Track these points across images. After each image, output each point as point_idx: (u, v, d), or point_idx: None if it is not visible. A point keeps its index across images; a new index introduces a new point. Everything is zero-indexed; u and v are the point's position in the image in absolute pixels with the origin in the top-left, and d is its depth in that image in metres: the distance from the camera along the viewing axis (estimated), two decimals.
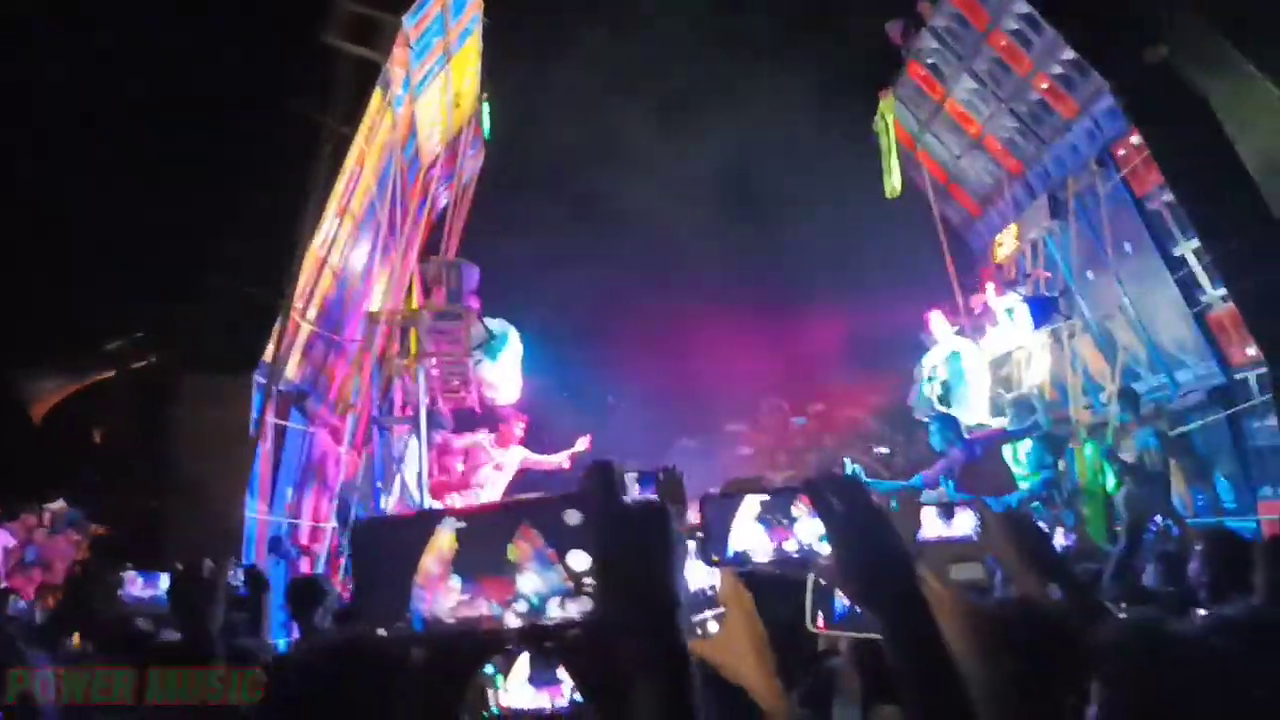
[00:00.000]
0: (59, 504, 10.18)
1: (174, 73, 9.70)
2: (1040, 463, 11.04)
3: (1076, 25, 10.00)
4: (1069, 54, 10.40)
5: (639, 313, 18.20)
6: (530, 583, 1.25)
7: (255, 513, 9.58)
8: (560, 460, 12.54)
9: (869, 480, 10.69)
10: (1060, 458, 11.31)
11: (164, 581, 4.21)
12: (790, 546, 1.85)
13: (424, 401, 11.41)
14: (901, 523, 2.44)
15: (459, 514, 1.31)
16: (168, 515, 8.82)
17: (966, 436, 10.25)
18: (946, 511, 2.94)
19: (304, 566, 10.33)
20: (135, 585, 4.73)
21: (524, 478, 12.59)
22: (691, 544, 1.85)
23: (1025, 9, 10.43)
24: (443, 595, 1.27)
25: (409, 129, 12.44)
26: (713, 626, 1.84)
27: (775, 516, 1.88)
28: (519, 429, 12.74)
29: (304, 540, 10.78)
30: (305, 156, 9.86)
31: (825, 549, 1.70)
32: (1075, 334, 12.24)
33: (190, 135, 9.69)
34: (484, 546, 1.27)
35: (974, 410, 12.41)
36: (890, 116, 13.49)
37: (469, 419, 13.31)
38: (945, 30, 11.96)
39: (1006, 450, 11.41)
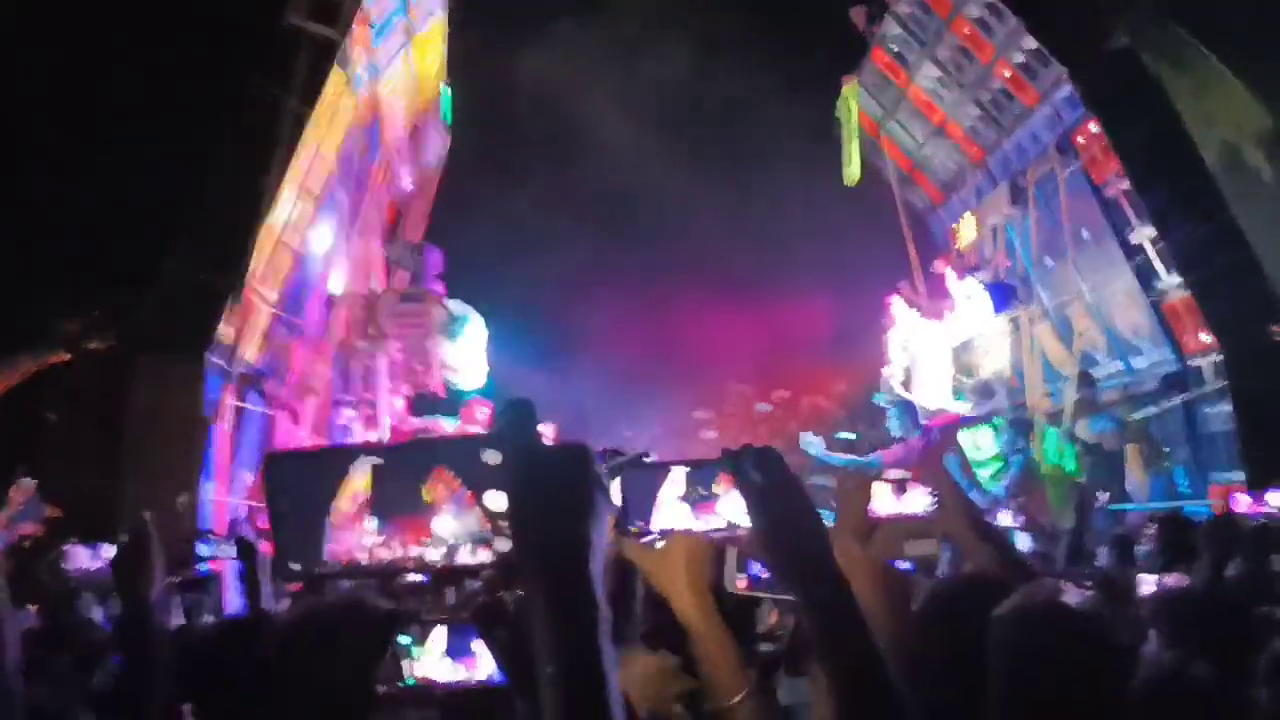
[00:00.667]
0: (27, 483, 10.03)
1: (128, 50, 9.55)
2: (1012, 447, 11.12)
3: (1038, 13, 10.05)
4: (1031, 42, 10.46)
5: (604, 299, 18.19)
6: (446, 525, 1.23)
7: (213, 495, 9.50)
8: None
9: (829, 455, 10.72)
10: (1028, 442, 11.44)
11: (108, 552, 4.15)
12: (714, 523, 1.86)
13: (384, 385, 11.35)
14: (853, 498, 2.45)
15: (373, 449, 1.29)
16: (123, 499, 8.72)
17: (925, 423, 10.33)
18: (899, 487, 2.96)
19: (264, 549, 10.25)
20: (81, 558, 4.67)
21: None
22: None
23: None
24: (358, 536, 1.25)
25: (372, 110, 12.33)
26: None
27: (697, 492, 1.88)
28: (482, 413, 12.68)
29: (263, 523, 10.70)
30: (262, 135, 9.76)
31: (746, 522, 1.70)
32: (1034, 320, 12.33)
33: (145, 114, 9.55)
34: (400, 487, 1.25)
35: (934, 395, 12.48)
36: (854, 103, 13.52)
37: (431, 403, 13.24)
38: (909, 17, 12.00)
39: (964, 436, 11.48)
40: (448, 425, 12.53)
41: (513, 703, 1.86)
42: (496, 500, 1.21)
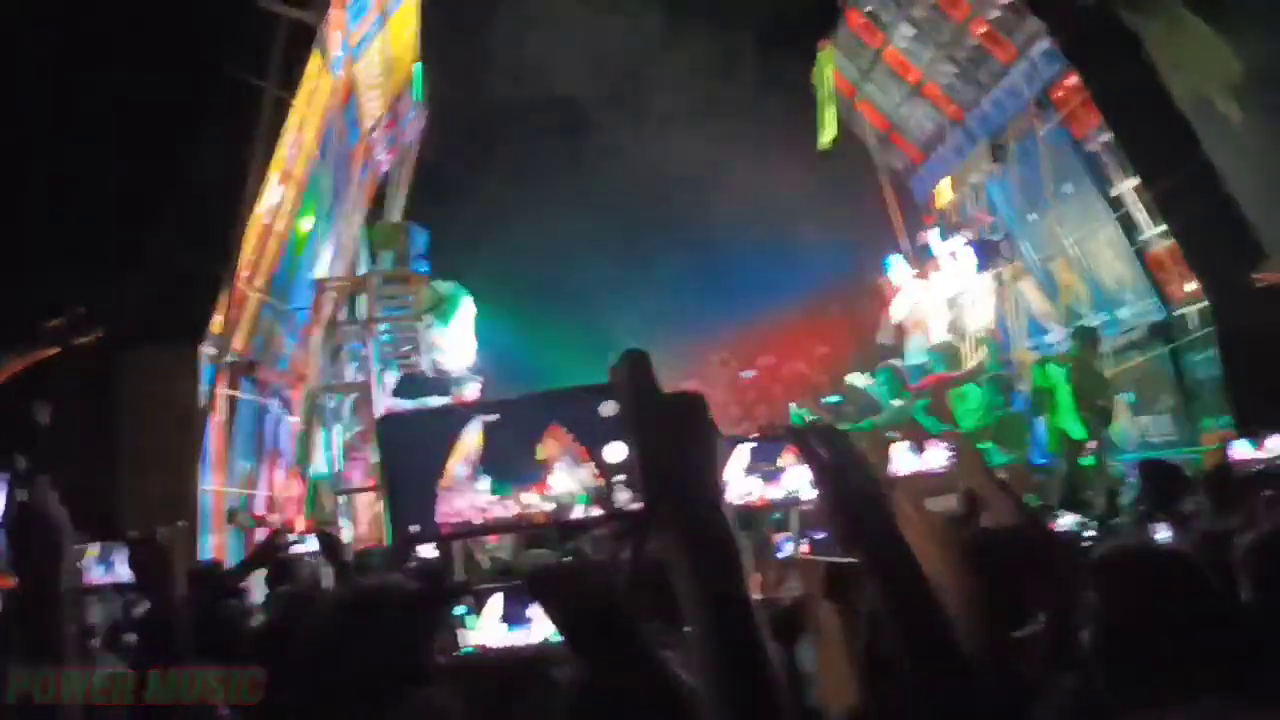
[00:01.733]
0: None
1: (107, 38, 9.46)
2: (991, 404, 11.19)
3: None
4: None
5: (585, 268, 18.18)
6: (561, 482, 1.26)
7: (211, 485, 9.50)
8: None
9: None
10: (1009, 398, 11.50)
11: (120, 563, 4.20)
12: (778, 494, 1.94)
13: (374, 368, 11.34)
14: (871, 458, 2.51)
15: (487, 406, 1.31)
16: (121, 493, 8.72)
17: (914, 384, 10.41)
18: (918, 446, 3.02)
19: (260, 537, 10.26)
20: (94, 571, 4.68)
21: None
22: None
23: None
24: (471, 496, 1.28)
25: (348, 92, 12.26)
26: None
27: (763, 466, 1.96)
28: (472, 392, 12.66)
29: (261, 511, 10.71)
30: (244, 122, 9.70)
31: (808, 493, 1.78)
32: (1018, 276, 12.43)
33: (127, 104, 9.47)
34: (513, 444, 1.27)
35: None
36: (829, 68, 13.52)
37: (421, 384, 13.21)
38: None
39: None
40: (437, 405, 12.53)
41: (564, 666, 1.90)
42: (615, 451, 1.23)
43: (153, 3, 9.40)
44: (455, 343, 13.04)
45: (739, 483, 1.98)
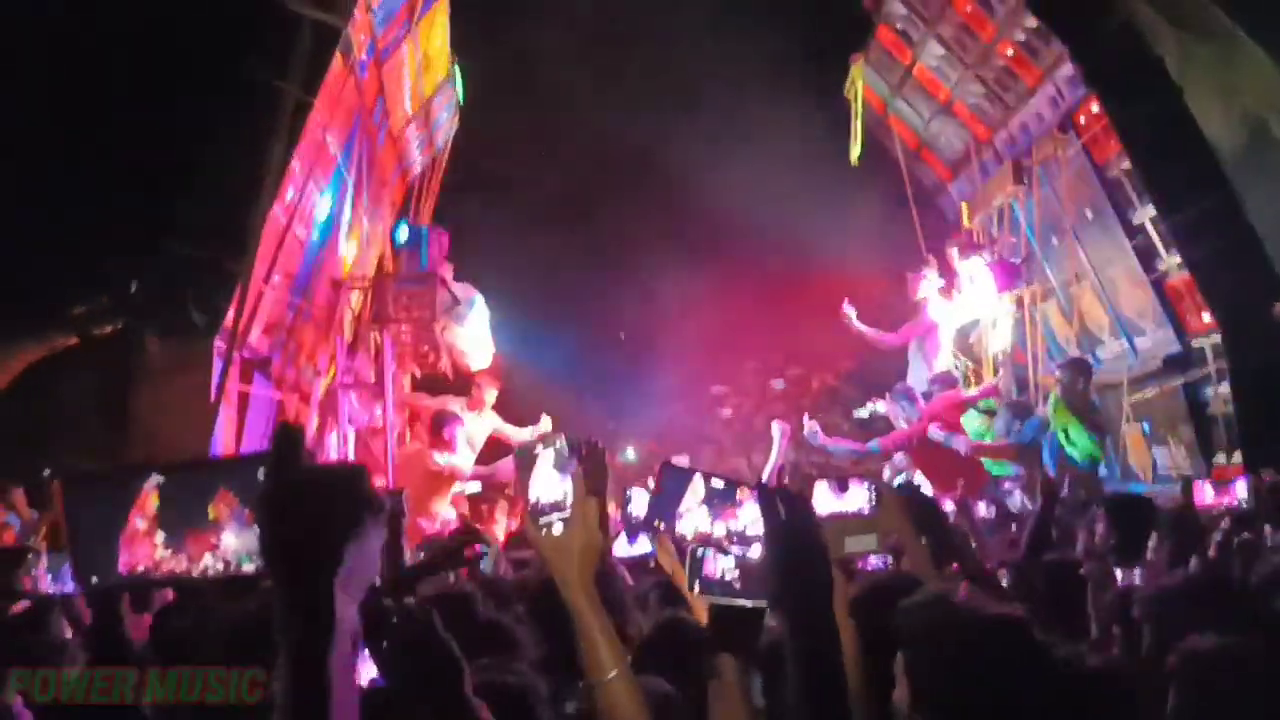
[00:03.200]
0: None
1: (130, 37, 9.64)
2: (1010, 428, 11.07)
3: None
4: (1032, 20, 10.38)
5: (618, 276, 18.28)
6: (230, 541, 1.32)
7: None
8: (526, 436, 12.23)
9: (830, 445, 10.75)
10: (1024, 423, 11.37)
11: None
12: (732, 526, 1.97)
13: (390, 367, 11.47)
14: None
15: (161, 467, 1.38)
16: None
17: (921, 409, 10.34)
18: (840, 485, 3.02)
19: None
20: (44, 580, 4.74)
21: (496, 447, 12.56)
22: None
23: None
24: (147, 549, 1.35)
25: (376, 93, 12.39)
26: (557, 528, 1.92)
27: (719, 501, 1.99)
28: (491, 394, 12.73)
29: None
30: (266, 123, 9.83)
31: (757, 536, 1.83)
32: (1038, 300, 12.32)
33: (149, 101, 9.65)
34: (187, 504, 1.34)
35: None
36: (859, 83, 13.47)
37: (441, 384, 13.35)
38: None
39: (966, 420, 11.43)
40: (456, 405, 12.61)
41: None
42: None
43: (175, 2, 9.56)
44: (474, 344, 13.13)
45: (692, 514, 2.01)
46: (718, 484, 2.03)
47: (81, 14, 9.29)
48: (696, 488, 2.04)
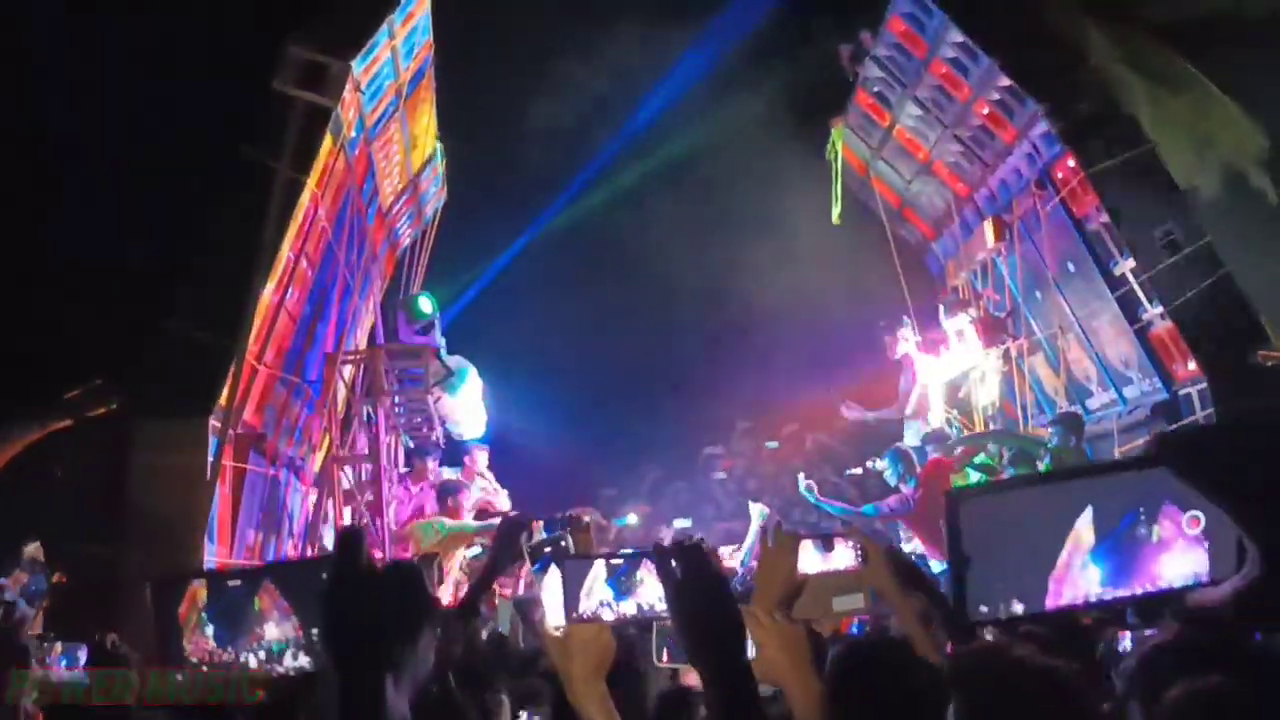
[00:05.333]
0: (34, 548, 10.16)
1: (125, 119, 9.82)
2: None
3: (1008, 51, 10.22)
4: (1005, 80, 10.62)
5: (607, 342, 18.37)
6: (271, 631, 1.39)
7: (215, 557, 9.63)
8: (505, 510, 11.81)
9: (822, 502, 10.76)
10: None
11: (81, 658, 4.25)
12: (637, 603, 2.02)
13: (385, 439, 11.50)
14: (775, 562, 2.58)
15: (264, 571, 1.45)
16: (124, 564, 8.86)
17: (918, 472, 10.37)
18: (825, 544, 3.06)
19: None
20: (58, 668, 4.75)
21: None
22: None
23: (961, 37, 10.65)
24: (203, 643, 1.42)
25: (365, 170, 12.58)
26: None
27: (622, 580, 2.05)
28: (482, 460, 12.78)
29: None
30: (258, 202, 9.97)
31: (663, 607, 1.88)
32: (1025, 353, 12.43)
33: (142, 182, 9.80)
34: (234, 599, 1.41)
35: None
36: (839, 145, 13.70)
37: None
38: (888, 59, 12.19)
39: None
40: (450, 474, 12.64)
41: None
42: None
43: (170, 84, 9.75)
44: (466, 413, 13.20)
45: (596, 594, 2.06)
46: (616, 562, 2.10)
47: (76, 95, 9.48)
48: (598, 571, 2.11)
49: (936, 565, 9.12)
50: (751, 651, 2.01)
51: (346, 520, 11.45)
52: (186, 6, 10.52)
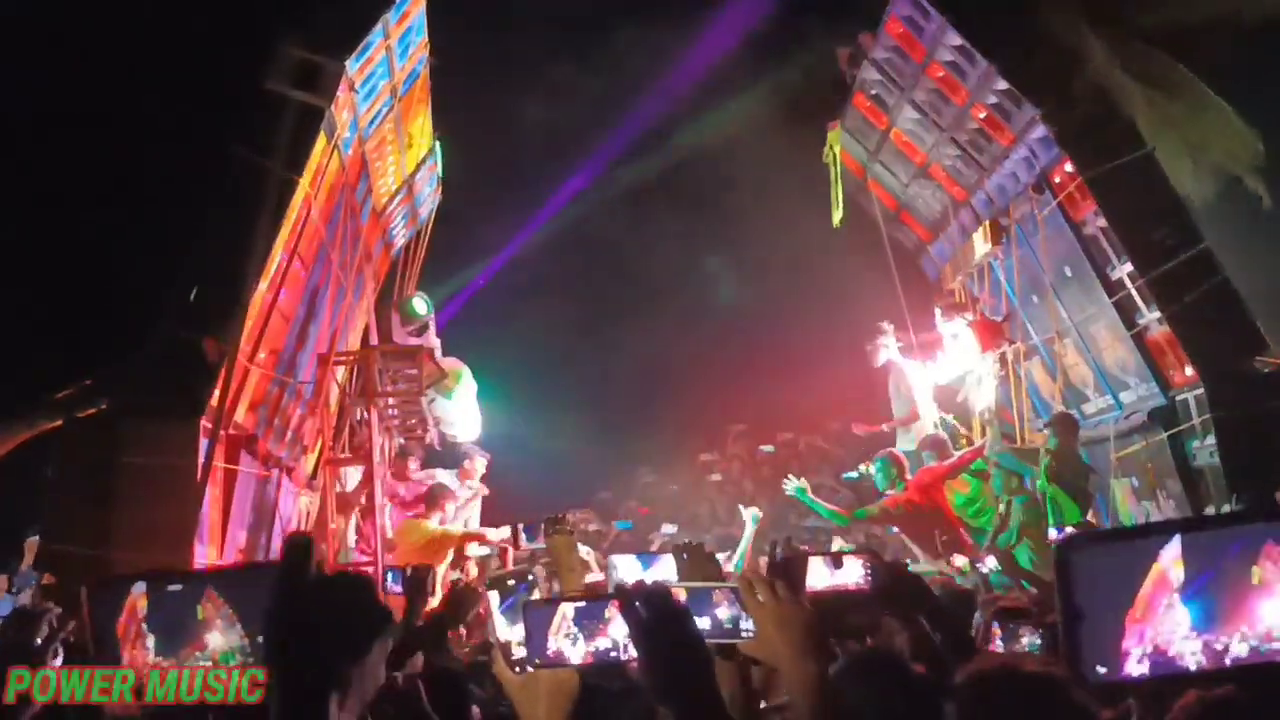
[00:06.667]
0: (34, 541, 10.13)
1: (117, 120, 9.77)
2: (1006, 486, 10.95)
3: (1005, 55, 10.18)
4: (1002, 84, 10.57)
5: (604, 345, 18.35)
6: (215, 640, 1.34)
7: (205, 559, 9.57)
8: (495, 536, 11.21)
9: (815, 502, 10.68)
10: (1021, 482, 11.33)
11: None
12: (603, 644, 1.98)
13: (377, 441, 11.43)
14: (790, 571, 2.53)
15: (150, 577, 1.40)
16: (114, 565, 8.80)
17: (909, 478, 10.33)
18: (835, 560, 3.00)
19: None
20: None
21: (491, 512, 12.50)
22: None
23: (959, 41, 10.60)
24: (141, 655, 1.36)
25: (359, 170, 12.51)
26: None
27: (588, 622, 2.01)
28: (480, 465, 12.71)
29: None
30: (250, 202, 9.92)
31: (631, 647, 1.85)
32: (1022, 358, 12.40)
33: (135, 183, 9.76)
34: (177, 606, 1.36)
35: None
36: (837, 148, 13.65)
37: (431, 457, 13.35)
38: (885, 62, 12.14)
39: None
40: (445, 477, 12.58)
41: None
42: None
43: (162, 84, 9.71)
44: (460, 416, 13.15)
45: (562, 637, 2.02)
46: (580, 605, 2.07)
47: (68, 97, 9.43)
48: (563, 615, 2.07)
49: (923, 566, 9.10)
50: (750, 628, 2.03)
51: (346, 523, 11.40)
52: (180, 6, 10.47)
